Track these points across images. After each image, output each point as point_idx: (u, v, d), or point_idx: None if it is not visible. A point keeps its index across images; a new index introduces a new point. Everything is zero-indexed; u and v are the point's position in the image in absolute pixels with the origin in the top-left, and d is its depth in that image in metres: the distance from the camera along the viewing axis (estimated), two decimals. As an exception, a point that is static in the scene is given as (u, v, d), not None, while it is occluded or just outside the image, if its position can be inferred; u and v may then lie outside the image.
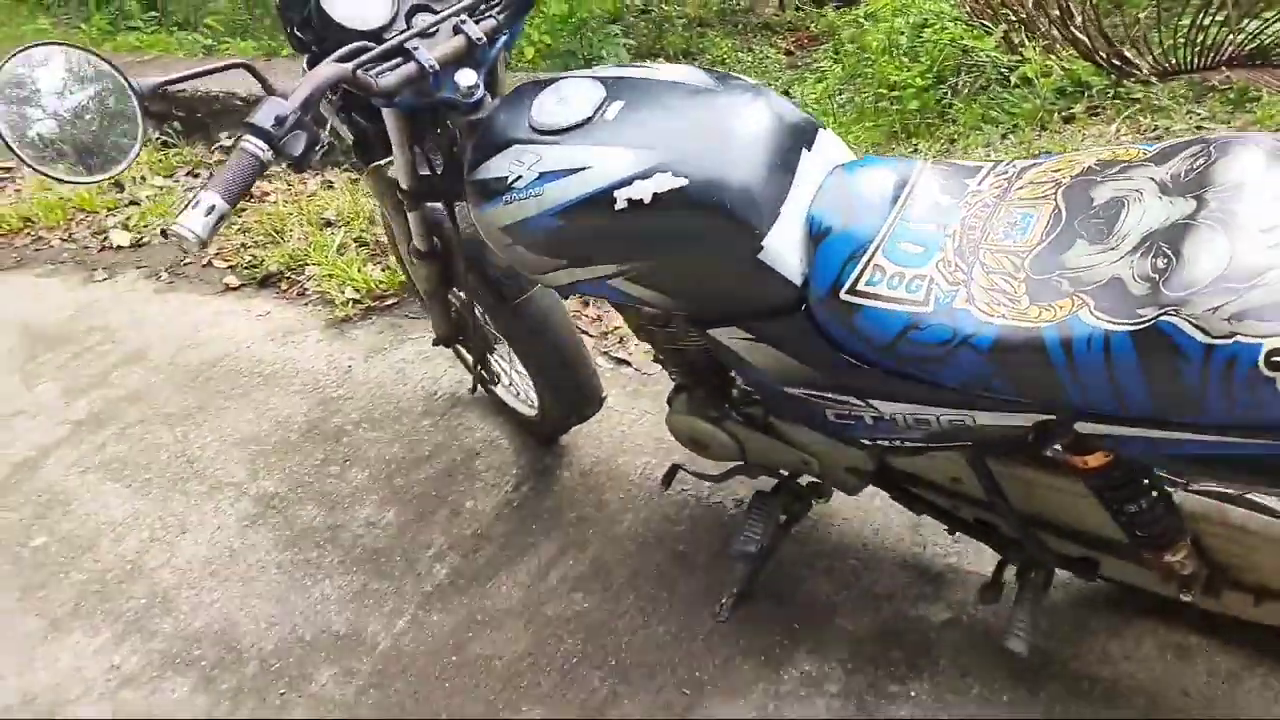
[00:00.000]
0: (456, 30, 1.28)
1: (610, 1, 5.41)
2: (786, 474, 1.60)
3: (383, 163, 1.84)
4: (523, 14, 1.38)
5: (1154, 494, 1.14)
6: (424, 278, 1.77)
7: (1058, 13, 3.21)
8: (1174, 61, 2.95)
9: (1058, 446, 1.15)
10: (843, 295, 1.09)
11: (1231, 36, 2.90)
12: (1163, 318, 0.85)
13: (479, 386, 2.24)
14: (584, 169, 1.16)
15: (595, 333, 2.45)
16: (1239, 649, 1.46)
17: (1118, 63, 3.06)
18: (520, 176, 1.20)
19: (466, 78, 1.28)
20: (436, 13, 1.31)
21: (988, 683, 1.50)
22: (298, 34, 1.32)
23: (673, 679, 1.60)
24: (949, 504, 1.43)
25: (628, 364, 2.33)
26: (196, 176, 3.71)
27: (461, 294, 1.85)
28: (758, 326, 1.21)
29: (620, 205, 1.13)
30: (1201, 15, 2.87)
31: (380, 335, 2.66)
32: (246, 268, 3.06)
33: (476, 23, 1.30)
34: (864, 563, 1.73)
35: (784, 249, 1.13)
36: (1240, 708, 1.40)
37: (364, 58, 1.18)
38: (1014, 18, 3.67)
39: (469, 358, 2.24)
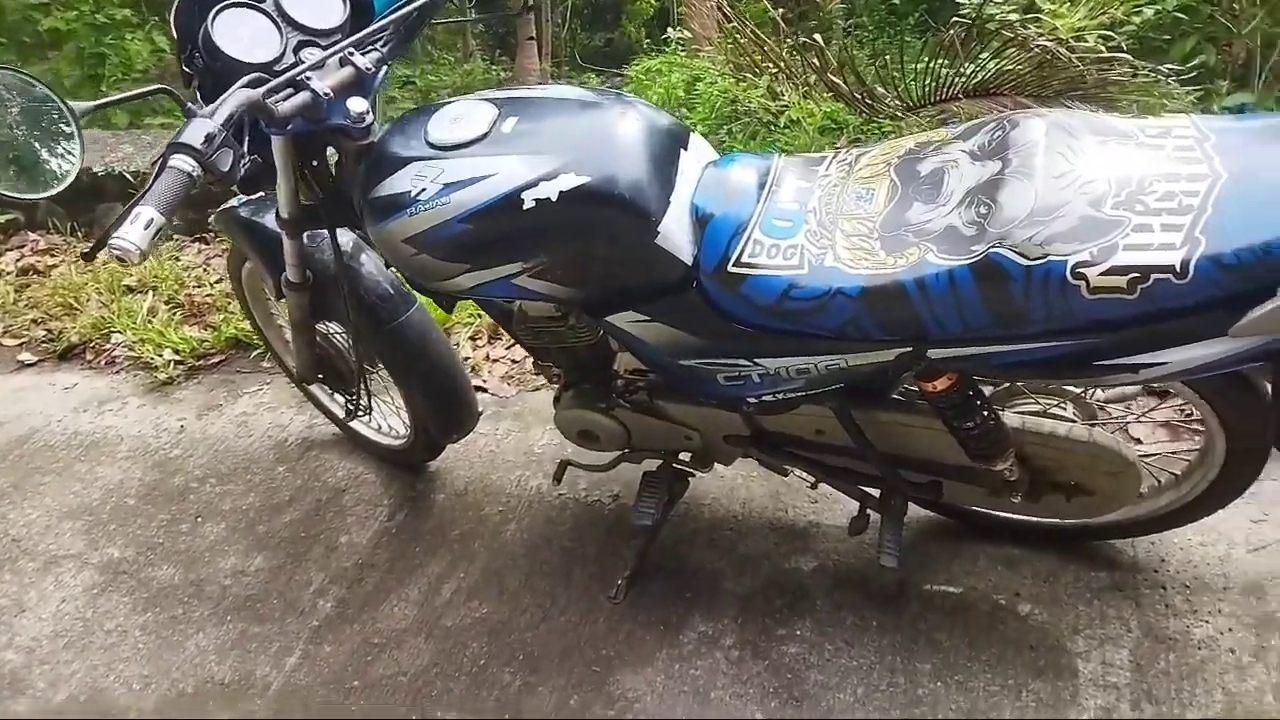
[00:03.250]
0: (344, 62, 1.35)
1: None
2: (668, 454, 1.75)
3: (231, 204, 1.86)
4: (404, 46, 1.48)
5: (985, 412, 1.39)
6: (294, 309, 1.78)
7: (818, 62, 3.68)
8: (915, 97, 3.48)
9: (914, 387, 1.39)
10: (730, 268, 1.27)
11: (955, 77, 3.48)
12: (992, 250, 1.09)
13: (339, 424, 2.24)
14: (489, 176, 1.26)
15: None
16: (1052, 554, 1.76)
17: (870, 101, 3.56)
18: (424, 189, 1.29)
19: (357, 105, 1.36)
20: (323, 46, 1.39)
21: (858, 611, 1.71)
22: (186, 67, 1.35)
23: (581, 661, 1.68)
24: (814, 455, 1.64)
25: (483, 389, 2.41)
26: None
27: (332, 325, 1.87)
28: (653, 307, 1.36)
29: (528, 205, 1.24)
30: (932, 60, 3.43)
31: (211, 393, 2.57)
32: (42, 342, 2.84)
33: (363, 54, 1.38)
34: (737, 532, 1.91)
35: (676, 234, 1.29)
36: (1060, 599, 1.68)
37: (268, 86, 1.23)
38: (775, 69, 4.15)
39: (324, 400, 2.23)
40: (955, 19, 3.69)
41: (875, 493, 1.65)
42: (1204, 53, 4.02)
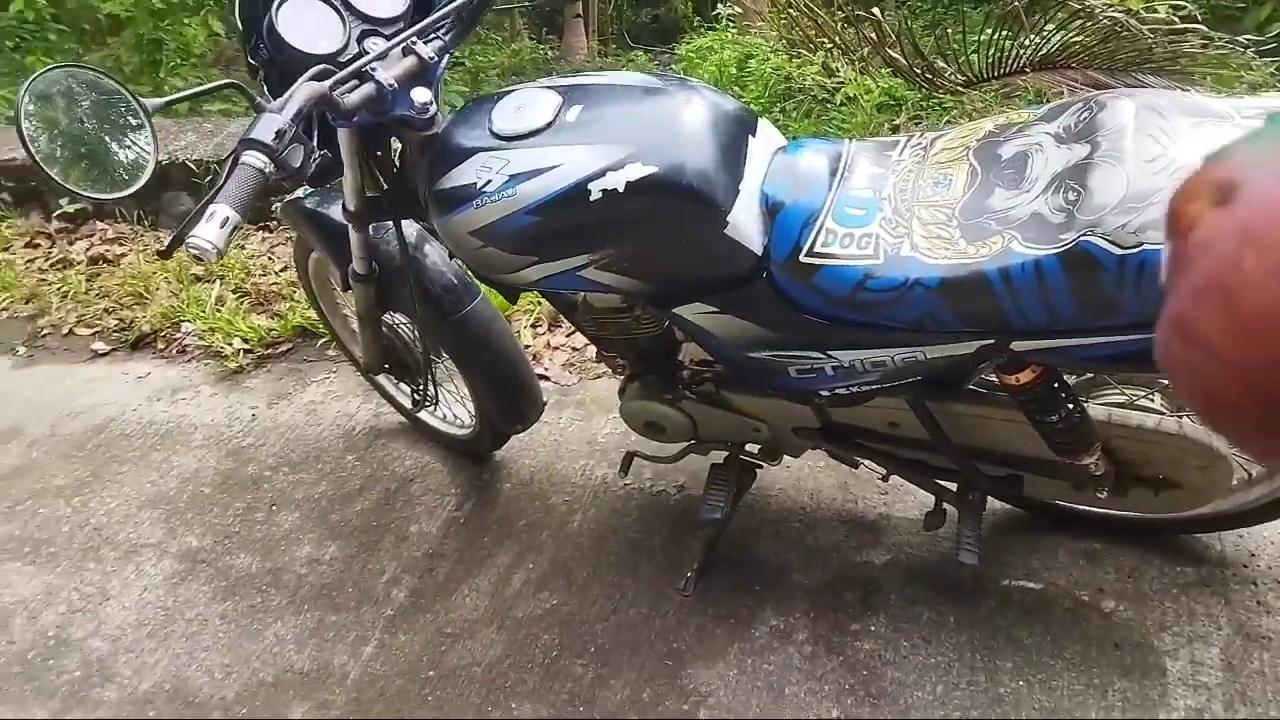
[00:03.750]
0: (407, 51, 1.35)
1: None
2: (735, 446, 1.74)
3: (295, 195, 1.87)
4: (466, 34, 1.47)
5: (1070, 405, 1.35)
6: (361, 300, 1.79)
7: (875, 36, 3.60)
8: (977, 70, 3.39)
9: (992, 377, 1.36)
10: (802, 259, 1.24)
11: (1018, 49, 3.38)
12: (1082, 238, 1.05)
13: (405, 414, 2.26)
14: (555, 167, 1.25)
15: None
16: (1135, 548, 1.71)
17: (930, 76, 3.47)
18: (490, 181, 1.29)
19: (421, 95, 1.35)
20: (386, 36, 1.38)
21: (934, 606, 1.68)
22: (251, 59, 1.35)
23: (652, 654, 1.68)
24: (887, 448, 1.61)
25: (545, 378, 2.41)
26: (36, 248, 3.48)
27: (398, 316, 1.89)
28: (722, 299, 1.34)
29: (595, 196, 1.23)
30: (995, 32, 3.33)
31: (280, 381, 2.61)
32: (115, 331, 2.91)
33: (426, 44, 1.37)
34: (806, 524, 1.89)
35: (745, 223, 1.26)
36: (1145, 595, 1.64)
37: (334, 78, 1.23)
38: (829, 44, 4.06)
39: (391, 389, 2.25)
40: (1019, -12, 3.57)
41: (952, 486, 1.62)
42: (1281, 20, 3.84)
